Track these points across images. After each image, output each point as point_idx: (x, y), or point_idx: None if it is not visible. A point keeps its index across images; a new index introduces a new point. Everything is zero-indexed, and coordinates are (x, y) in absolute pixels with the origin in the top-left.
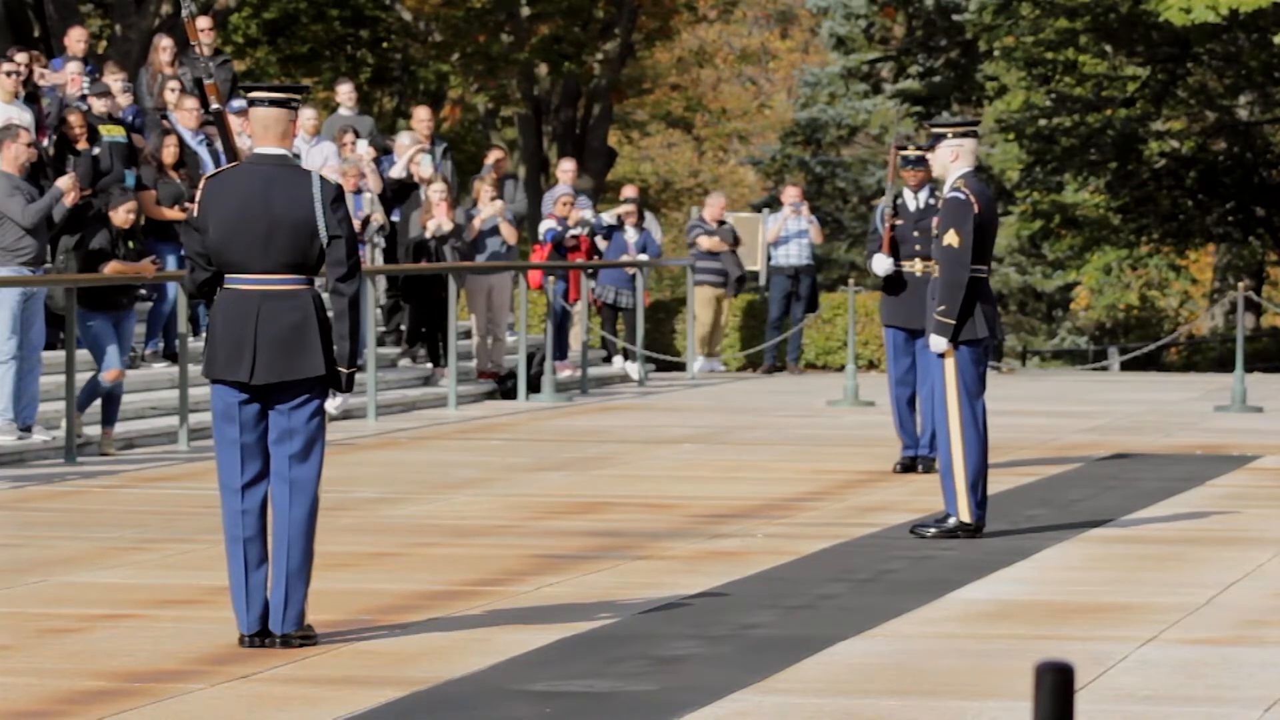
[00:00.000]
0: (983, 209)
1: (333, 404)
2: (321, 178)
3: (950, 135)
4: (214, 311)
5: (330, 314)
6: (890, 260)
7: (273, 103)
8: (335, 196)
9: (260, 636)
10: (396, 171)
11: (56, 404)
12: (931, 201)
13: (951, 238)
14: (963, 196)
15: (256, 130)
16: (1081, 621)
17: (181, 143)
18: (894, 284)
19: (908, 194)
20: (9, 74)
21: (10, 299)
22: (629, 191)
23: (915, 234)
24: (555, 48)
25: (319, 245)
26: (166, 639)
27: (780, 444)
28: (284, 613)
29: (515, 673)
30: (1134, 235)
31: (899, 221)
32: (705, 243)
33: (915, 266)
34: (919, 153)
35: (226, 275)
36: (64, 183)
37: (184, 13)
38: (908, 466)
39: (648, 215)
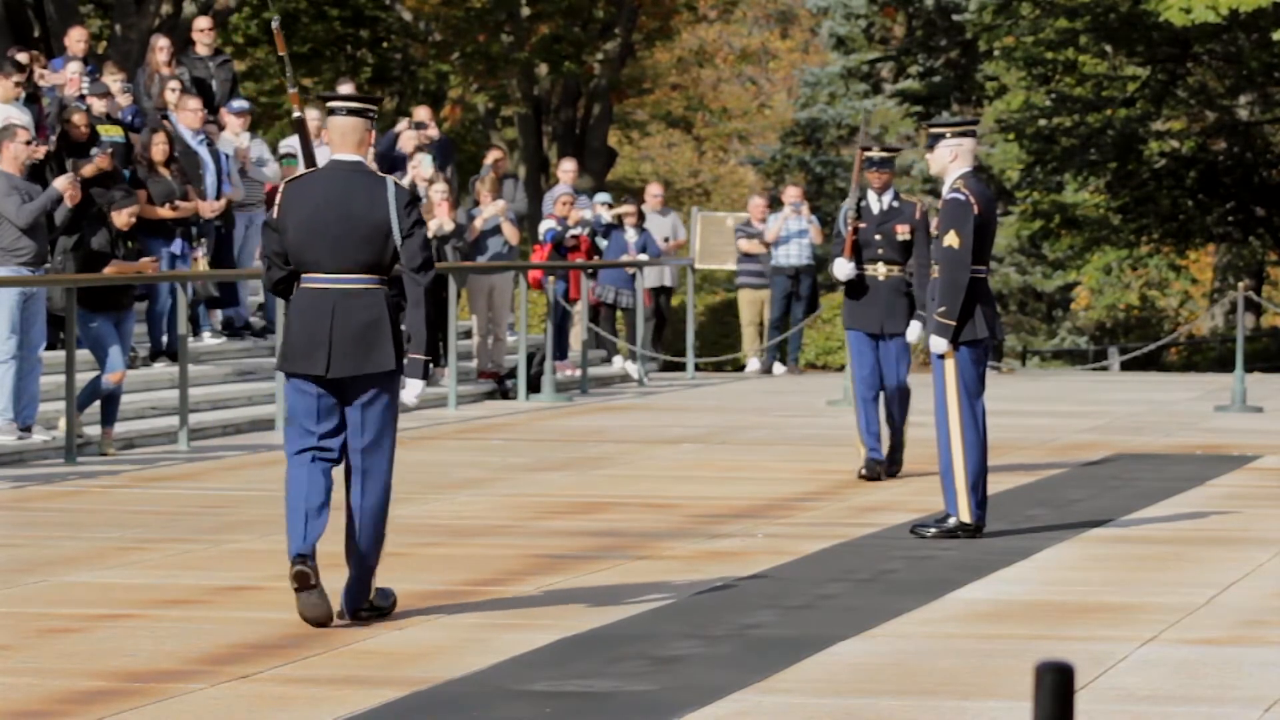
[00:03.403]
0: (982, 209)
1: (412, 394)
2: (396, 183)
3: (949, 135)
4: (290, 309)
5: (407, 310)
6: (852, 265)
7: (350, 111)
8: (409, 200)
9: (306, 559)
10: (404, 142)
11: (56, 404)
12: (895, 204)
13: (952, 239)
14: (963, 198)
15: (334, 138)
16: (1081, 621)
17: (183, 142)
18: (856, 288)
19: (871, 196)
20: (9, 75)
21: (9, 299)
22: (654, 189)
23: (878, 237)
24: (555, 48)
25: (393, 246)
26: (166, 639)
27: (780, 444)
28: (355, 596)
29: (515, 673)
30: (1134, 235)
31: (862, 224)
32: (746, 245)
33: (878, 270)
34: (883, 154)
35: (303, 274)
36: (61, 183)
37: (273, 24)
38: (874, 473)
39: (672, 212)
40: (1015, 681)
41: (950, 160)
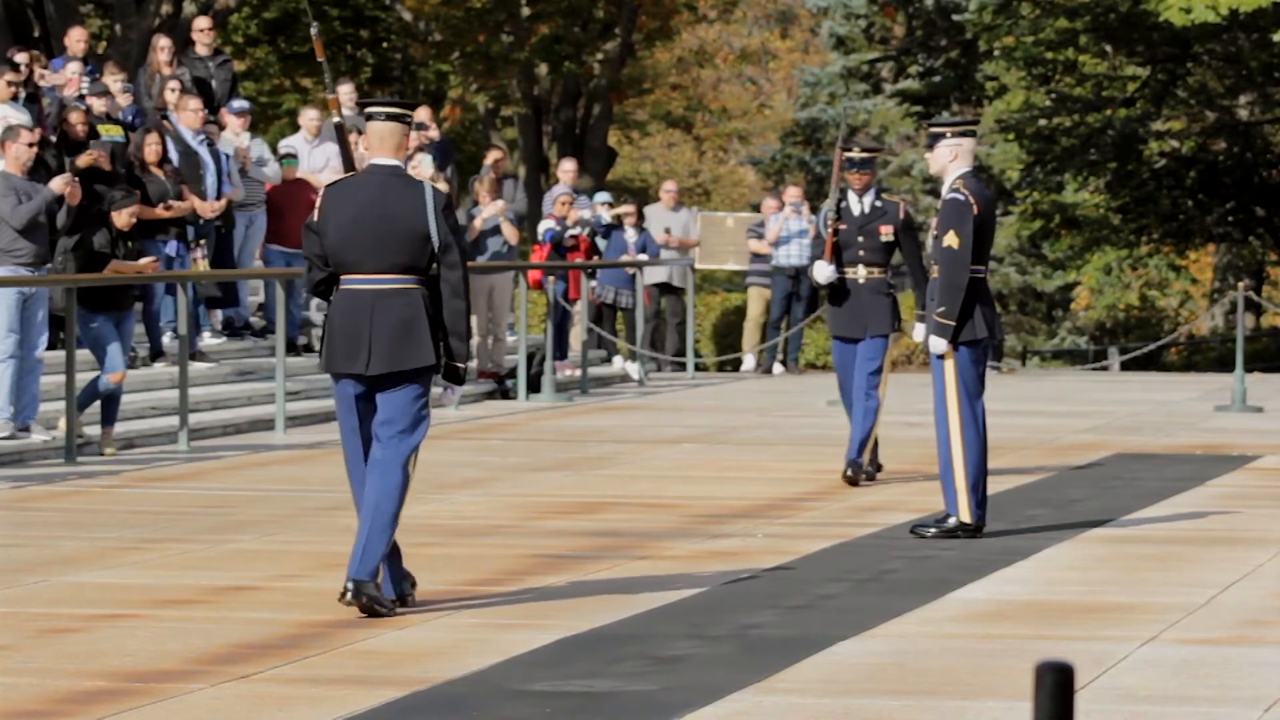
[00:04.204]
0: (982, 209)
1: (454, 398)
2: (433, 187)
3: (949, 135)
4: (331, 309)
5: (445, 311)
6: (832, 268)
7: (388, 117)
8: (445, 204)
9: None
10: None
11: (56, 404)
12: (878, 204)
13: (951, 239)
14: (962, 198)
15: (373, 142)
16: (1081, 621)
17: (183, 142)
18: (837, 292)
19: (852, 197)
20: (3, 74)
21: (9, 299)
22: (669, 185)
23: (860, 239)
24: (555, 48)
25: (430, 249)
26: (166, 639)
27: (780, 444)
28: (360, 560)
29: (515, 673)
30: (1134, 235)
31: (842, 226)
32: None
33: (858, 273)
34: (864, 154)
35: (342, 275)
36: (58, 183)
37: (312, 31)
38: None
39: (684, 209)
40: (1015, 681)
41: (950, 160)
